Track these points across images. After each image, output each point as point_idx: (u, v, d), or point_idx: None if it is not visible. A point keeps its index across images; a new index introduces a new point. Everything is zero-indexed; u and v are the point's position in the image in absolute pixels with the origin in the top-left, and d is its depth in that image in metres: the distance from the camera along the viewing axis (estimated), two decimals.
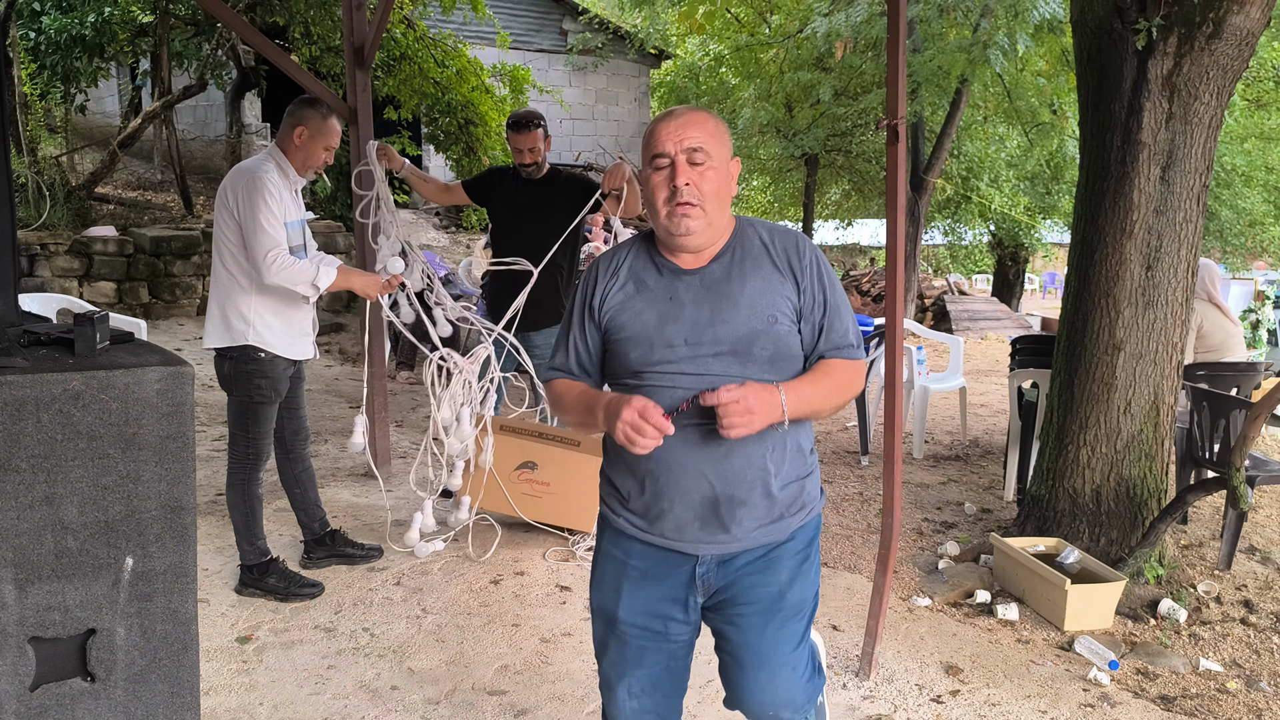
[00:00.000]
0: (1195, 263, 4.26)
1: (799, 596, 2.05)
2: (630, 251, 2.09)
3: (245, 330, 3.59)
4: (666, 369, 1.95)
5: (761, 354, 1.94)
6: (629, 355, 1.98)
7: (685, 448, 1.94)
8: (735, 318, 1.94)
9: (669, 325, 1.96)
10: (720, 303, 1.96)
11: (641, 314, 1.99)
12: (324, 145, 3.72)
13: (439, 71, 9.92)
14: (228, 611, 3.65)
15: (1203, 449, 4.64)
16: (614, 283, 2.06)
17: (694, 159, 1.92)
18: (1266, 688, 3.39)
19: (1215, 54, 4.02)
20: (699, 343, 1.94)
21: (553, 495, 4.39)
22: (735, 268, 1.99)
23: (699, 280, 1.99)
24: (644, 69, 17.56)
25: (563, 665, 3.34)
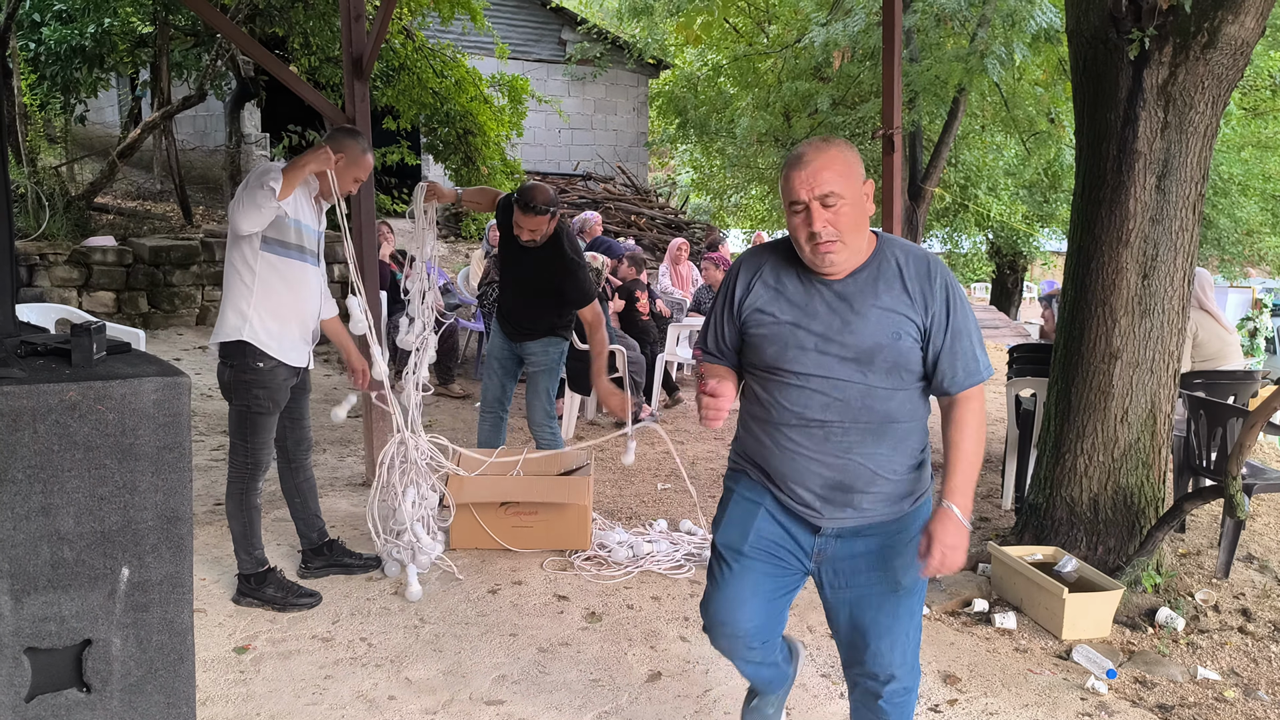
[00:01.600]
0: (1192, 271, 4.27)
1: (915, 578, 2.28)
2: (773, 254, 2.28)
3: (241, 326, 3.58)
4: (797, 367, 2.17)
5: (882, 364, 2.14)
6: (765, 351, 2.21)
7: (810, 444, 2.20)
8: (863, 330, 2.13)
9: (803, 329, 2.17)
10: (851, 315, 2.14)
11: (780, 315, 2.20)
12: (354, 176, 3.78)
13: (438, 81, 9.95)
14: (225, 621, 3.65)
15: (1200, 457, 4.65)
16: (756, 282, 2.26)
17: (827, 203, 2.07)
18: (1264, 696, 3.39)
19: (1210, 63, 4.03)
20: (827, 348, 2.15)
21: (542, 522, 4.42)
22: (869, 285, 2.16)
23: (835, 291, 2.17)
24: (642, 79, 17.61)
25: (560, 675, 3.34)
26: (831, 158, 2.09)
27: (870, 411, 2.17)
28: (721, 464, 6.31)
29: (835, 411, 2.16)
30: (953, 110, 12.02)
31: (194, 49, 10.35)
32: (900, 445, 2.22)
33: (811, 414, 2.18)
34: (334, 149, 3.68)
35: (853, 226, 2.10)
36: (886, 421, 2.18)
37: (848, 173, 2.09)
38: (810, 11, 12.03)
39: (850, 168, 2.10)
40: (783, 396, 2.21)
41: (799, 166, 2.09)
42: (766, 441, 2.26)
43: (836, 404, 2.16)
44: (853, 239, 2.11)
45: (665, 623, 3.77)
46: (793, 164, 2.11)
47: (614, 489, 5.54)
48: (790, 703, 3.14)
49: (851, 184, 2.09)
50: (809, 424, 2.18)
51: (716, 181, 18.21)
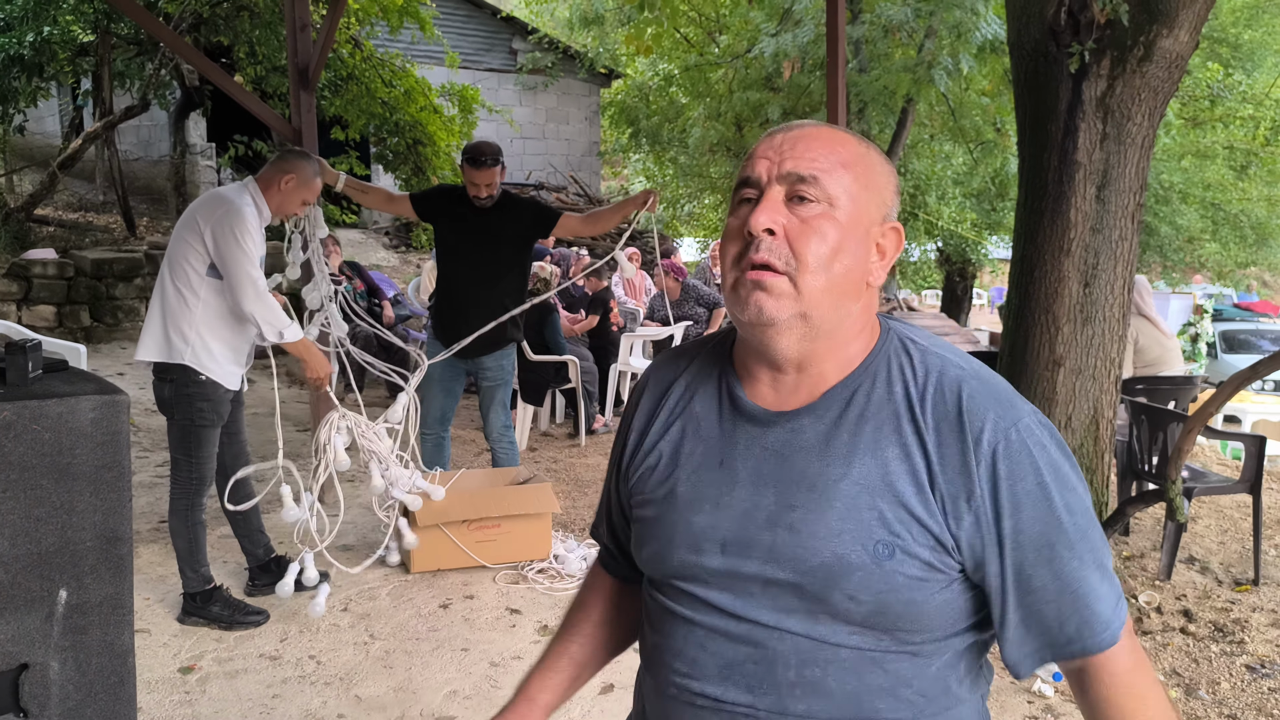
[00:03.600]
0: (1132, 279, 4.37)
1: None
2: (695, 360, 1.23)
3: (184, 350, 3.55)
4: (689, 586, 1.13)
5: (852, 607, 1.04)
6: (642, 548, 1.19)
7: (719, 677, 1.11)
8: (814, 528, 1.05)
9: (705, 511, 1.12)
10: (797, 491, 1.07)
11: (673, 479, 1.16)
12: (302, 199, 3.80)
13: (387, 91, 9.90)
14: (170, 641, 3.59)
15: (1142, 461, 4.74)
16: (659, 414, 1.21)
17: (798, 191, 1.06)
18: (1205, 695, 3.46)
19: (1146, 76, 4.13)
20: (745, 556, 1.08)
21: (505, 535, 4.40)
22: (843, 427, 1.08)
23: (777, 436, 1.11)
24: (594, 88, 17.64)
25: (512, 689, 3.31)
26: (838, 139, 1.10)
27: (818, 693, 1.06)
28: None
29: (743, 684, 1.08)
30: (901, 120, 12.17)
31: (137, 58, 10.20)
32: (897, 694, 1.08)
33: (701, 683, 1.11)
34: (284, 169, 3.71)
35: (824, 264, 1.05)
36: (851, 718, 1.07)
37: (857, 171, 1.08)
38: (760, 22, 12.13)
39: (865, 169, 1.10)
40: (663, 634, 1.16)
41: (778, 131, 1.11)
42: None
43: (750, 668, 1.08)
44: (815, 292, 1.05)
45: None
46: (769, 132, 1.12)
47: (567, 500, 5.52)
48: None
49: (856, 195, 1.08)
50: (695, 699, 1.11)
51: (669, 191, 18.27)
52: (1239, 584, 4.50)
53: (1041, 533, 1.03)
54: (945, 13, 10.16)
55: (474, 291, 4.53)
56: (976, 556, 1.04)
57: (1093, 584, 1.05)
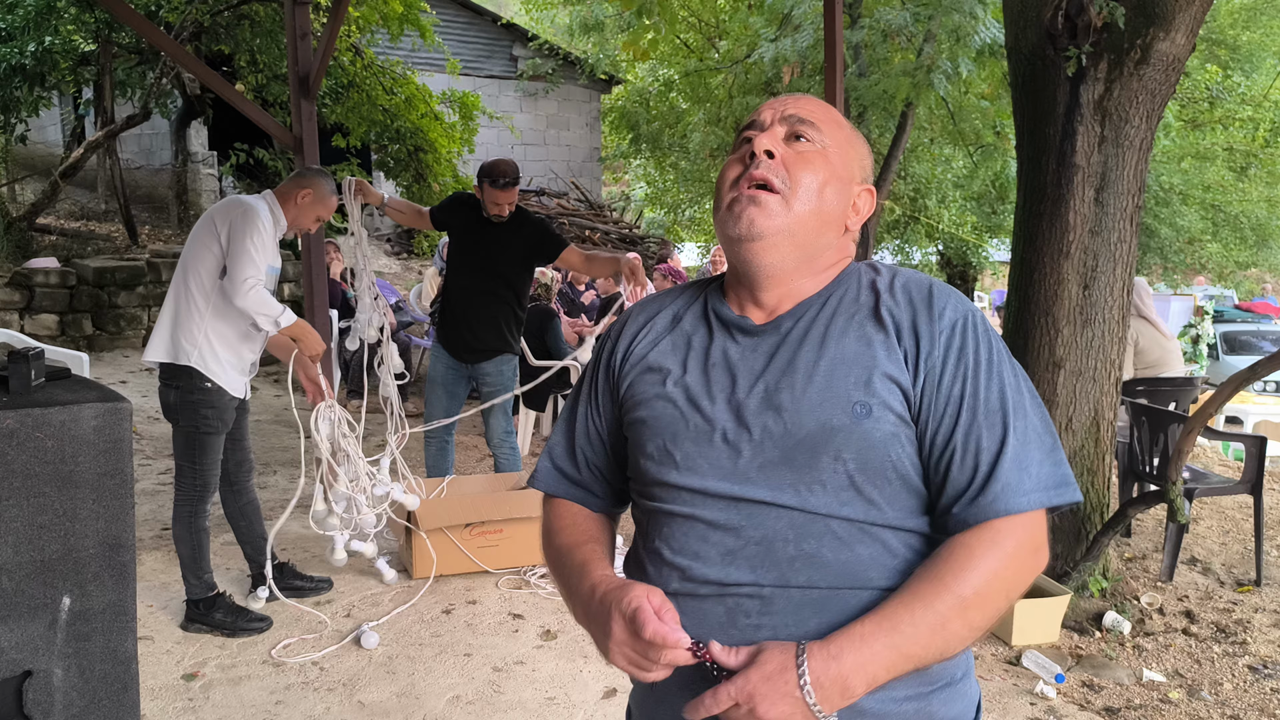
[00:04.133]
0: (1131, 281, 4.37)
1: None
2: (683, 296, 1.38)
3: (190, 351, 3.57)
4: (687, 481, 1.22)
5: (837, 468, 1.16)
6: (641, 449, 1.29)
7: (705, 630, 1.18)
8: (799, 404, 1.18)
9: (702, 410, 1.23)
10: (782, 377, 1.21)
11: (668, 385, 1.27)
12: (317, 215, 3.83)
13: (387, 99, 9.92)
14: (173, 648, 3.60)
15: (1143, 463, 4.74)
16: (646, 334, 1.35)
17: (798, 130, 1.27)
18: (1207, 696, 3.46)
19: (1144, 79, 4.14)
20: (738, 439, 1.20)
21: (508, 540, 4.41)
22: (819, 322, 1.24)
23: (762, 341, 1.26)
24: (594, 94, 17.67)
25: (515, 694, 3.32)
26: (830, 107, 1.33)
27: (815, 565, 1.16)
28: None
29: (746, 564, 1.17)
30: (901, 124, 12.18)
31: (138, 67, 10.22)
32: None
33: (704, 569, 1.19)
34: (302, 184, 3.77)
35: (814, 193, 1.24)
36: (851, 586, 1.16)
37: (847, 132, 1.32)
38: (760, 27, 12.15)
39: (853, 135, 1.34)
40: (660, 538, 1.24)
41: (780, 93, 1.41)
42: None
43: (750, 549, 1.17)
44: (805, 214, 1.23)
45: None
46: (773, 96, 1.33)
47: None
48: None
49: (843, 148, 1.30)
50: (699, 589, 1.19)
51: (670, 196, 18.30)
52: (1241, 585, 4.50)
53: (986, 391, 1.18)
54: (944, 17, 10.17)
55: (477, 300, 4.56)
56: (930, 408, 1.19)
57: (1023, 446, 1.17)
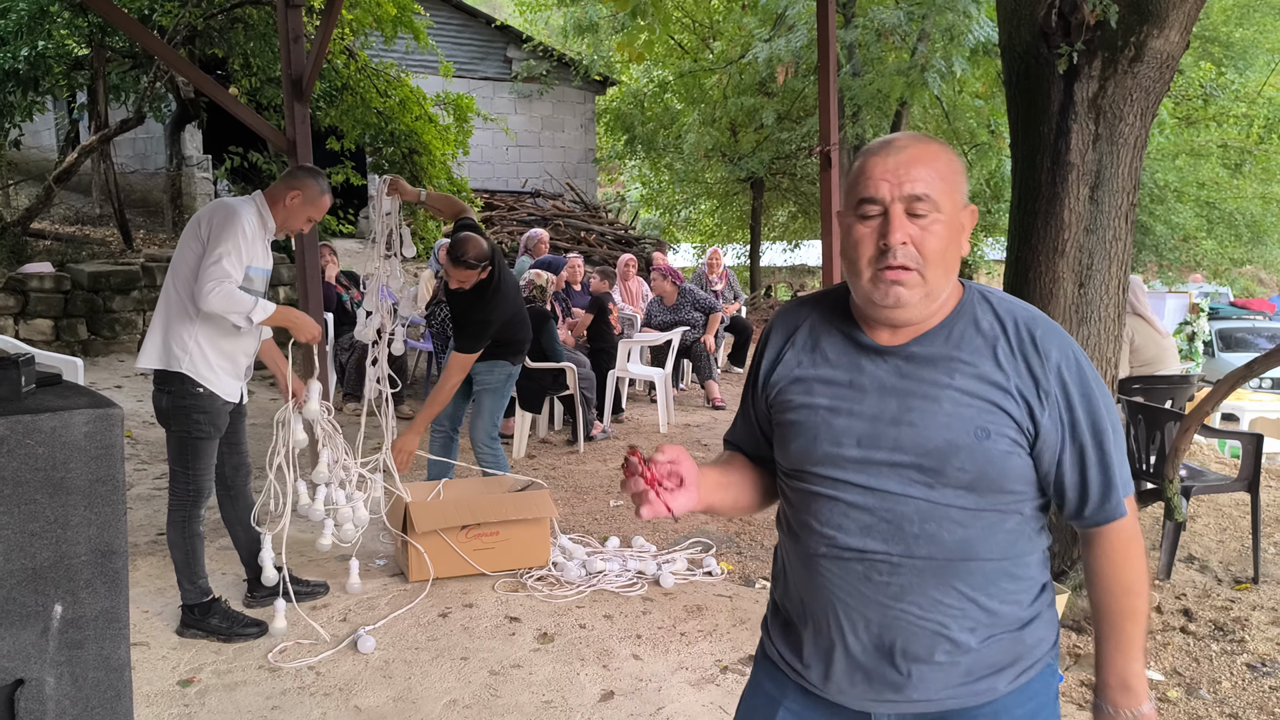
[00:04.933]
0: (1126, 279, 4.37)
1: None
2: (814, 311, 1.63)
3: (182, 357, 3.55)
4: (830, 472, 1.51)
5: (960, 476, 1.44)
6: (789, 445, 1.56)
7: (845, 583, 1.50)
8: (931, 421, 1.44)
9: (842, 416, 1.50)
10: (914, 398, 1.47)
11: (812, 394, 1.54)
12: (308, 215, 3.80)
13: (381, 101, 9.91)
14: (169, 654, 3.58)
15: (1140, 461, 4.74)
16: (789, 349, 1.61)
17: (915, 209, 1.43)
18: (1206, 695, 3.46)
19: (1138, 76, 4.14)
20: (875, 446, 1.47)
21: (504, 542, 4.40)
22: (944, 354, 1.48)
23: (894, 363, 1.50)
24: (589, 95, 17.66)
25: (512, 698, 3.31)
26: (934, 152, 1.46)
27: (935, 541, 1.46)
28: None
29: (879, 537, 1.47)
30: (895, 123, 12.20)
31: (132, 71, 10.21)
32: (989, 590, 1.47)
33: (846, 539, 1.49)
34: (291, 185, 3.73)
35: (940, 258, 1.44)
36: (962, 558, 1.46)
37: (951, 179, 1.46)
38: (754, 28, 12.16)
39: (954, 176, 1.47)
40: (809, 512, 1.54)
41: (886, 153, 1.45)
42: (792, 577, 1.61)
43: (883, 526, 1.47)
44: (936, 277, 1.45)
45: (618, 641, 3.76)
46: (875, 150, 1.47)
47: (566, 506, 5.52)
48: None
49: (952, 197, 1.45)
50: (842, 553, 1.49)
51: (665, 197, 18.31)
52: (1239, 582, 4.50)
53: (1094, 423, 1.46)
54: (938, 16, 10.18)
55: (468, 298, 4.58)
56: (1048, 438, 1.45)
57: (1113, 463, 1.49)
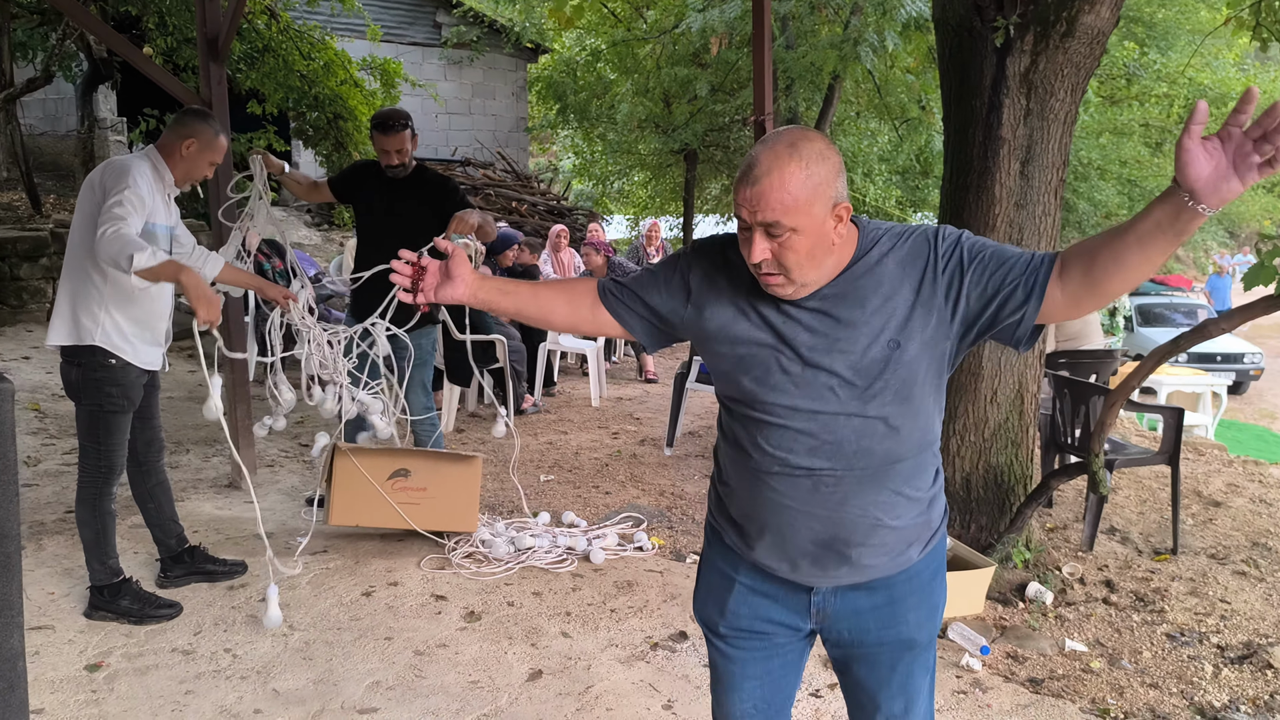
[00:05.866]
0: None
1: (928, 631, 1.92)
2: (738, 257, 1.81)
3: (93, 329, 3.38)
4: (780, 398, 1.76)
5: (885, 388, 1.72)
6: (741, 379, 1.80)
7: (796, 494, 1.78)
8: (853, 347, 1.72)
9: (784, 351, 1.75)
10: (838, 328, 1.73)
11: (753, 333, 1.79)
12: (209, 160, 3.59)
13: (305, 64, 9.58)
14: (76, 638, 3.42)
15: (1065, 434, 4.80)
16: (721, 279, 1.84)
17: (772, 232, 1.65)
18: (1127, 665, 3.52)
19: (1069, 52, 4.14)
20: (814, 375, 1.74)
21: (431, 500, 4.28)
22: (854, 286, 1.74)
23: (813, 306, 1.76)
24: (521, 63, 17.38)
25: (437, 678, 3.23)
26: (786, 177, 1.63)
27: (869, 454, 1.76)
28: (605, 452, 6.26)
29: (825, 456, 1.75)
30: (828, 97, 12.19)
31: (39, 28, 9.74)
32: (908, 485, 1.81)
33: (796, 459, 1.77)
34: (184, 134, 3.51)
35: (806, 260, 1.68)
36: (891, 462, 1.78)
37: (808, 198, 1.64)
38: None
39: (813, 191, 1.64)
40: (762, 437, 1.80)
41: (745, 182, 1.65)
42: (743, 492, 1.86)
43: (826, 447, 1.75)
44: (803, 273, 1.69)
45: (547, 619, 3.70)
46: (743, 174, 1.67)
47: (495, 481, 5.43)
48: None
49: (808, 214, 1.64)
50: (793, 471, 1.77)
51: (599, 168, 18.13)
52: (1158, 553, 4.59)
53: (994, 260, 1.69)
54: None
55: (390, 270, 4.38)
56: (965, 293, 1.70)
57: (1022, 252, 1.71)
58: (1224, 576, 4.31)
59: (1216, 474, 6.04)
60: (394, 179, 4.45)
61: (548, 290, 1.96)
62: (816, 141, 1.66)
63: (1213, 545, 4.74)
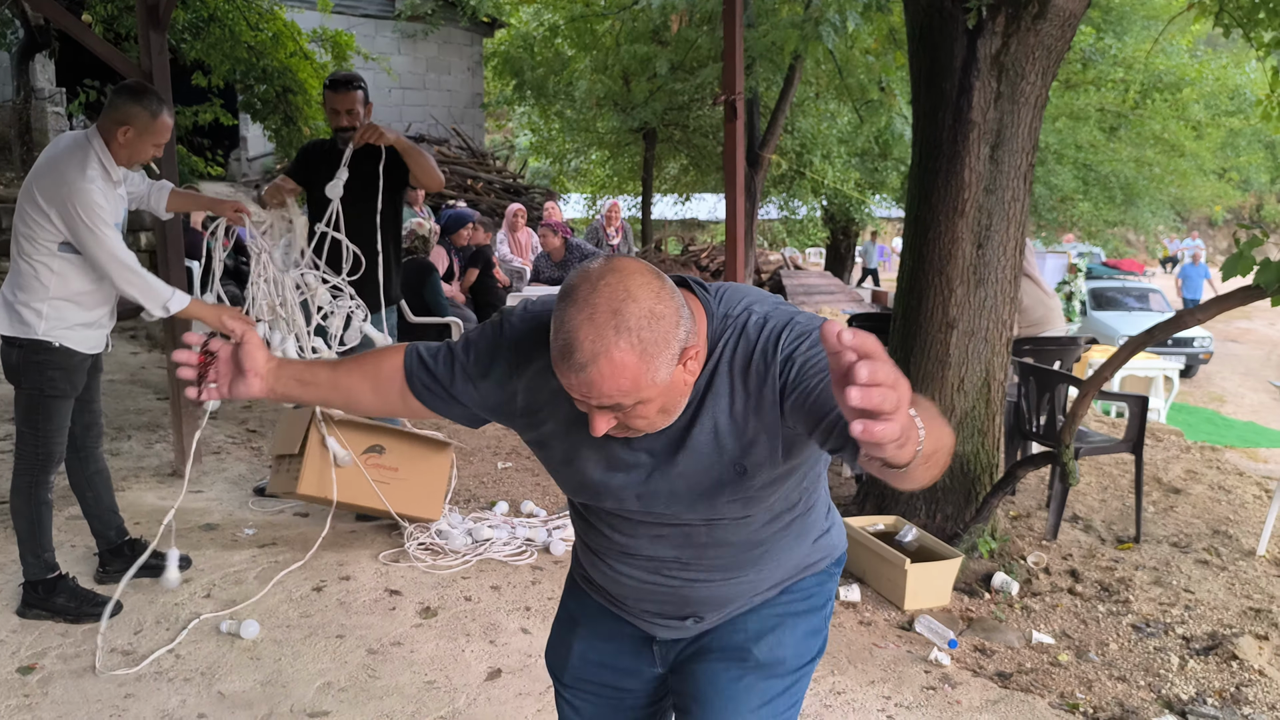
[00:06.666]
0: (1023, 240, 4.33)
1: (775, 653, 1.68)
2: None
3: (37, 324, 3.23)
4: (614, 508, 1.58)
5: (732, 504, 1.51)
6: (572, 486, 1.59)
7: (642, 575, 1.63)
8: (694, 469, 1.48)
9: (619, 473, 1.52)
10: (678, 450, 1.48)
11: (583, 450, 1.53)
12: (153, 143, 3.38)
13: (252, 35, 9.28)
14: (8, 638, 3.25)
15: (1030, 423, 4.76)
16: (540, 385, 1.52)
17: (613, 410, 1.37)
18: (1095, 658, 3.48)
19: (1040, 34, 4.07)
20: (653, 497, 1.52)
21: (402, 481, 4.11)
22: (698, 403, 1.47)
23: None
24: (477, 37, 17.06)
25: (391, 679, 3.10)
26: (618, 363, 1.30)
27: (724, 543, 1.57)
28: None
29: (670, 545, 1.58)
30: (789, 77, 12.10)
31: None
32: (777, 560, 1.64)
33: (638, 547, 1.60)
34: (118, 120, 3.29)
35: (658, 418, 1.41)
36: (755, 545, 1.59)
37: (648, 372, 1.32)
38: None
39: (653, 363, 1.32)
40: (601, 521, 1.62)
41: (570, 367, 1.32)
42: (587, 560, 1.73)
43: (675, 536, 1.57)
44: (659, 426, 1.44)
45: (505, 614, 3.58)
46: (562, 354, 1.32)
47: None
48: None
49: (653, 383, 1.33)
50: (634, 559, 1.61)
51: (556, 146, 17.90)
52: (1121, 542, 4.57)
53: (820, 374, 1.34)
54: None
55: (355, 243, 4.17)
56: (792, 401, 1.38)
57: None
58: (1187, 565, 4.30)
59: (1175, 460, 6.06)
60: (345, 151, 4.23)
61: (350, 376, 1.65)
62: (642, 296, 1.30)
63: (1174, 533, 4.74)
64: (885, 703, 3.11)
